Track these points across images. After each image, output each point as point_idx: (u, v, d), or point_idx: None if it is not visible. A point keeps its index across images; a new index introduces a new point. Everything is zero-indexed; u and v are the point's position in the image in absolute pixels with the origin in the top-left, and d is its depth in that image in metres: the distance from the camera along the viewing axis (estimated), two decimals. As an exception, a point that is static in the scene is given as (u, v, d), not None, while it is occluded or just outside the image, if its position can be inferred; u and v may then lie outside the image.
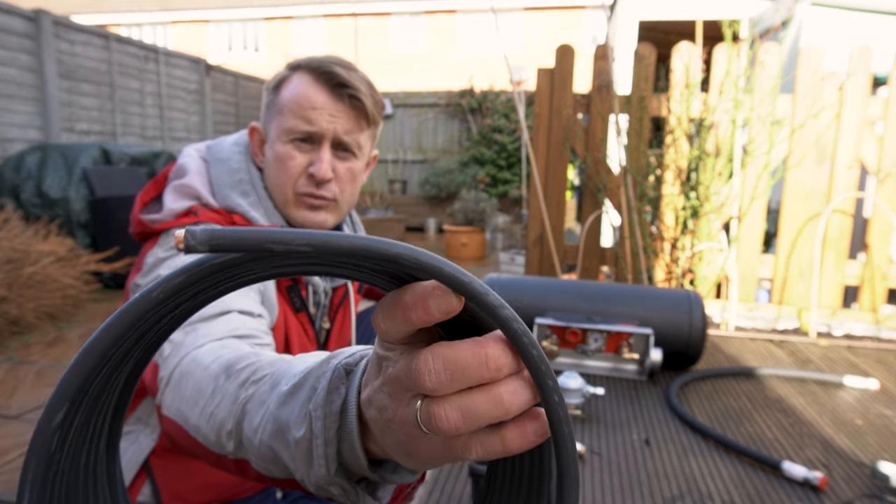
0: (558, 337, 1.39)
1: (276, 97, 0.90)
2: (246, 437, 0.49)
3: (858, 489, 0.92)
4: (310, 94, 0.87)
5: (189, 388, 0.59)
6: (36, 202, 4.34)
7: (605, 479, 0.94)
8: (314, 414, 0.40)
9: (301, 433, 0.41)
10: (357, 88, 0.87)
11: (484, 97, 8.55)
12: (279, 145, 0.89)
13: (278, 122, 0.89)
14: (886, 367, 1.55)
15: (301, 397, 0.42)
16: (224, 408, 0.53)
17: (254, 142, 0.95)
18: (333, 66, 0.87)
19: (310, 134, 0.87)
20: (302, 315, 0.94)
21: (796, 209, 2.65)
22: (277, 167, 0.89)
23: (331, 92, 0.87)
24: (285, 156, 0.88)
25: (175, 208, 0.86)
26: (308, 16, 16.07)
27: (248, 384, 0.51)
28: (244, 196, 0.89)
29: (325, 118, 0.87)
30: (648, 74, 2.68)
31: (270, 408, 0.46)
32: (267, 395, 0.48)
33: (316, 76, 0.87)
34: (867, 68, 2.51)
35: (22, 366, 2.78)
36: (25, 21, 5.03)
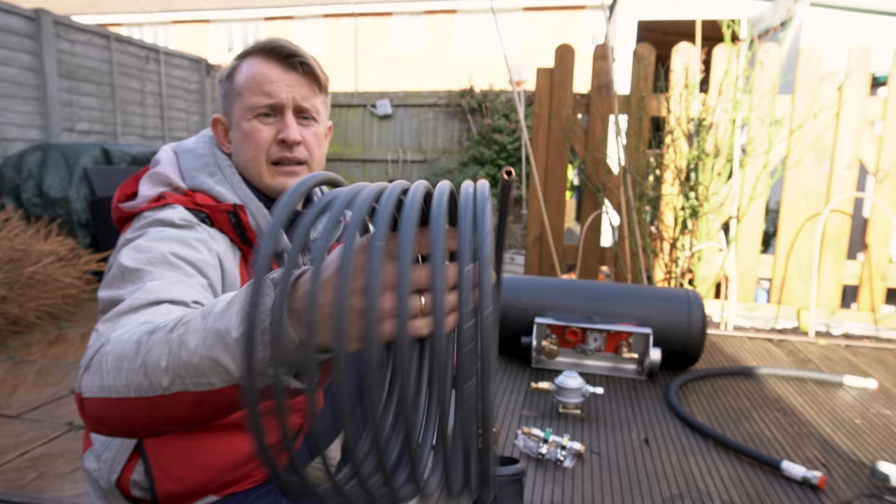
0: (558, 336, 1.39)
1: (231, 84, 0.95)
2: (182, 362, 0.55)
3: (857, 488, 0.93)
4: (264, 70, 0.92)
5: (109, 362, 0.61)
6: (36, 202, 4.34)
7: (605, 478, 0.95)
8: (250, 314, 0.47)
9: (240, 332, 0.51)
10: (305, 56, 0.93)
11: (484, 97, 8.56)
12: (244, 123, 0.93)
13: (239, 105, 0.94)
14: (885, 367, 1.55)
15: (236, 308, 0.53)
16: (156, 350, 0.57)
17: (218, 132, 0.99)
18: (278, 41, 0.93)
19: (272, 106, 0.92)
20: None
21: (795, 209, 2.66)
22: (246, 143, 0.94)
23: (282, 63, 0.92)
24: (252, 131, 0.93)
25: (148, 195, 0.92)
26: (308, 16, 16.07)
27: (178, 326, 0.57)
28: (211, 176, 0.94)
29: (282, 89, 0.92)
30: (648, 75, 2.68)
31: (208, 325, 0.54)
32: (200, 321, 0.55)
33: (265, 54, 0.93)
34: (866, 68, 2.51)
35: (22, 365, 2.78)
36: (26, 21, 5.03)
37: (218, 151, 0.98)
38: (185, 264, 0.80)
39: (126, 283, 0.76)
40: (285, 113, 0.93)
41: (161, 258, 0.79)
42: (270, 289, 0.51)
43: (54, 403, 2.35)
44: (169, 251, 0.80)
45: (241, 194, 0.94)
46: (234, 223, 0.90)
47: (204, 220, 0.88)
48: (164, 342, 0.57)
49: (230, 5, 16.30)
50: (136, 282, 0.76)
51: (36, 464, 1.89)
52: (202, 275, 0.82)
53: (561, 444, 1.02)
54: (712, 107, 2.57)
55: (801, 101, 2.57)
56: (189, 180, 0.94)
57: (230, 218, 0.90)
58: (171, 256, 0.80)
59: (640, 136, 2.66)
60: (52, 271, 3.45)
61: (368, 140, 9.12)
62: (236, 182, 0.95)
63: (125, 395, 0.59)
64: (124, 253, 0.81)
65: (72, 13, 14.78)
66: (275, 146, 0.94)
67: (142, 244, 0.81)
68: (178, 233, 0.84)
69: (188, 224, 0.86)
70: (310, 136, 0.96)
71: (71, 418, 2.22)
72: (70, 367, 2.76)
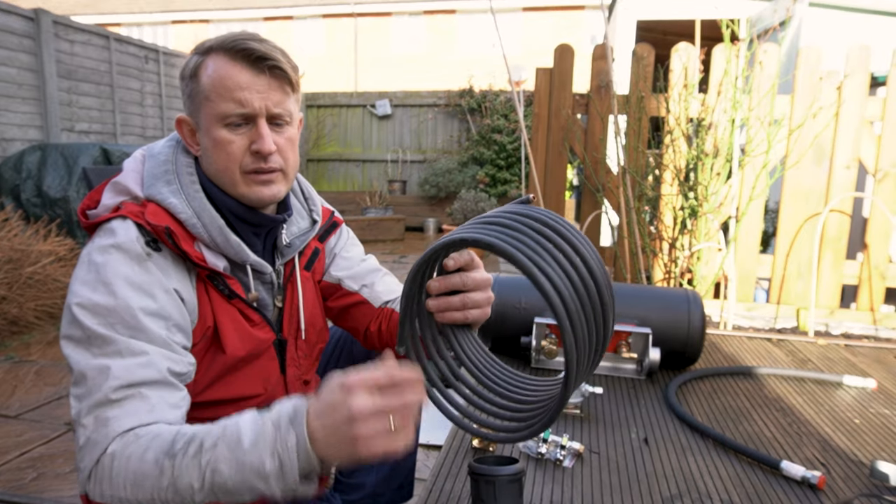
0: (557, 336, 1.39)
1: (196, 84, 0.89)
2: (217, 485, 0.68)
3: (857, 488, 0.93)
4: (232, 75, 0.86)
5: (125, 478, 0.71)
6: (36, 202, 4.34)
7: (605, 477, 0.95)
8: (280, 451, 0.66)
9: (274, 465, 0.66)
10: (276, 58, 0.87)
11: (483, 97, 8.56)
12: (215, 131, 0.88)
13: (208, 109, 0.88)
14: (884, 367, 1.55)
15: (263, 446, 0.67)
16: (186, 474, 0.68)
17: (184, 133, 0.94)
18: (246, 41, 0.87)
19: (244, 115, 0.87)
20: (236, 302, 0.93)
21: (795, 209, 2.66)
22: (218, 153, 0.89)
23: (252, 67, 0.87)
24: (224, 141, 0.88)
25: (108, 204, 0.90)
26: (308, 16, 16.07)
27: (203, 451, 0.69)
28: (167, 185, 0.90)
29: (254, 96, 0.87)
30: (647, 75, 2.68)
31: (238, 457, 0.67)
32: (228, 452, 0.68)
33: (232, 55, 0.86)
34: (866, 68, 2.52)
35: (22, 365, 2.78)
36: (25, 21, 5.03)
37: (181, 156, 0.94)
38: (149, 320, 0.80)
39: (93, 350, 0.78)
40: (258, 122, 0.88)
41: (126, 321, 0.79)
42: (290, 428, 0.67)
43: (53, 404, 2.35)
44: (132, 308, 0.79)
45: (195, 205, 0.89)
46: (172, 243, 0.85)
47: (151, 243, 0.84)
48: (192, 466, 0.68)
49: (230, 5, 16.30)
50: (103, 351, 0.77)
51: (35, 464, 1.89)
52: (167, 325, 0.82)
53: (560, 443, 1.02)
54: (711, 107, 2.57)
55: (801, 101, 2.57)
56: (146, 188, 0.90)
57: (166, 237, 0.85)
58: (136, 314, 0.79)
59: (639, 136, 2.67)
60: (51, 271, 3.45)
61: (368, 140, 9.12)
62: (192, 192, 0.90)
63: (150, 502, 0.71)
64: (87, 304, 0.79)
65: (71, 13, 14.77)
66: (248, 156, 0.89)
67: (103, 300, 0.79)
68: (134, 274, 0.81)
69: (140, 257, 0.83)
70: (283, 142, 0.91)
71: (70, 419, 2.22)
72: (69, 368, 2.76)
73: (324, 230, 1.11)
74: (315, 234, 1.07)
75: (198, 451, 0.69)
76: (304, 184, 1.11)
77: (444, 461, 0.98)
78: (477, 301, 0.84)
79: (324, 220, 1.11)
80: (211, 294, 0.91)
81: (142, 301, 0.80)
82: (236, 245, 0.91)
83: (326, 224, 1.11)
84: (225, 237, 0.90)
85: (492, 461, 0.83)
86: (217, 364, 0.92)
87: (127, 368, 0.76)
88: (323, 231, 1.10)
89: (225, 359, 0.92)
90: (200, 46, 0.90)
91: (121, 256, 0.82)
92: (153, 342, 0.80)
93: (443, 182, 8.22)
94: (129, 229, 0.84)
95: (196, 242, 0.90)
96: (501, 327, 1.43)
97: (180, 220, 0.88)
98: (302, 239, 1.04)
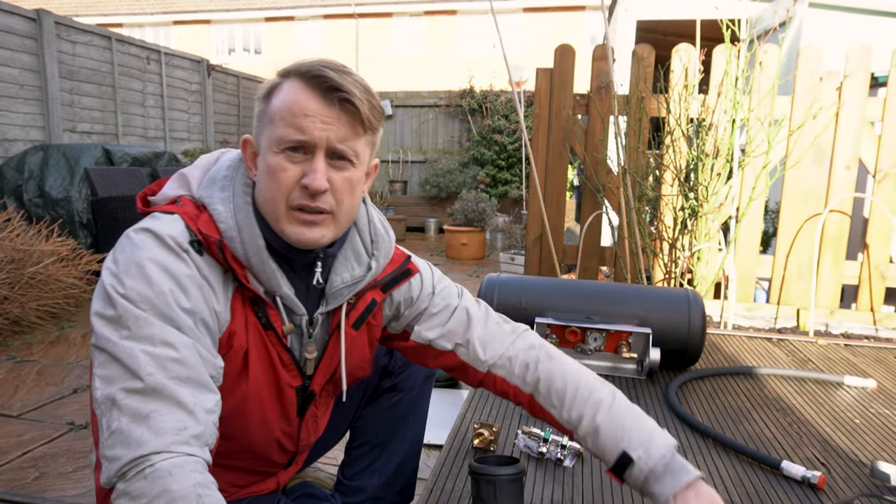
0: (558, 336, 1.40)
1: (267, 106, 0.86)
2: None
3: (857, 488, 0.93)
4: (300, 101, 0.81)
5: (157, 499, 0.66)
6: (38, 202, 4.35)
7: (605, 477, 0.95)
8: None
9: None
10: (350, 92, 0.81)
11: (484, 97, 8.56)
12: (270, 156, 0.83)
13: (269, 133, 0.84)
14: (884, 367, 1.55)
15: None
16: None
17: (247, 155, 0.90)
18: (324, 69, 0.82)
19: (301, 143, 0.82)
20: (270, 334, 0.89)
21: (795, 209, 2.66)
22: (269, 179, 0.84)
23: (322, 97, 0.81)
24: (277, 167, 0.82)
25: (168, 194, 0.88)
26: (309, 17, 16.08)
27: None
28: (221, 190, 0.87)
29: (317, 126, 0.81)
30: (647, 75, 2.68)
31: None
32: None
33: (306, 81, 0.82)
34: (866, 68, 2.52)
35: (24, 365, 2.78)
36: (27, 21, 5.04)
37: (240, 171, 0.90)
38: (182, 314, 0.76)
39: (123, 332, 0.74)
40: (316, 153, 0.82)
41: (159, 307, 0.75)
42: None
43: (55, 403, 2.36)
44: (165, 293, 0.76)
45: (240, 218, 0.85)
46: (222, 257, 0.82)
47: (195, 243, 0.81)
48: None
49: (231, 6, 16.31)
50: (134, 334, 0.73)
51: (37, 463, 1.89)
52: (196, 322, 0.78)
53: (561, 443, 1.02)
54: (712, 107, 2.57)
55: (801, 102, 2.57)
56: (202, 188, 0.88)
57: (218, 252, 0.82)
58: (170, 302, 0.76)
59: (639, 137, 2.67)
60: (53, 271, 3.46)
61: (369, 140, 9.13)
62: (242, 205, 0.86)
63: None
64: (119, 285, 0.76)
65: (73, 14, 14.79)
66: (297, 190, 0.83)
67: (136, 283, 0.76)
68: (168, 261, 0.78)
69: (176, 250, 0.79)
70: (340, 182, 0.84)
71: (72, 418, 2.22)
72: (71, 367, 2.76)
73: (391, 279, 0.98)
74: (366, 281, 0.94)
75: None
76: (377, 224, 0.98)
77: (445, 461, 0.98)
78: None
79: (393, 267, 0.98)
80: (248, 316, 0.87)
81: (174, 289, 0.77)
82: (270, 271, 0.85)
83: (396, 271, 0.99)
84: (261, 259, 0.84)
85: (493, 461, 0.83)
86: (239, 391, 0.87)
87: (159, 359, 0.72)
88: (390, 280, 0.98)
89: (247, 388, 0.88)
90: (283, 70, 0.86)
91: (153, 241, 0.79)
92: (185, 334, 0.76)
93: (444, 182, 8.23)
94: (174, 223, 0.82)
95: None
96: (502, 327, 1.43)
97: (219, 229, 0.84)
98: (351, 287, 0.93)
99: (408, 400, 1.25)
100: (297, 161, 0.82)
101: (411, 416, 1.26)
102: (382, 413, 1.25)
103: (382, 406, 1.25)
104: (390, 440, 1.25)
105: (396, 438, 1.25)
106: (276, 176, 0.83)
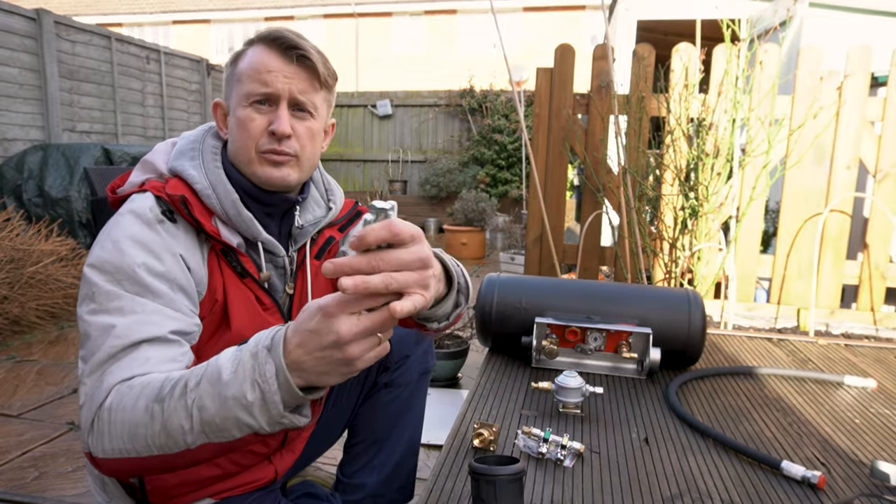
0: (558, 336, 1.39)
1: (234, 69, 0.96)
2: (205, 422, 0.67)
3: (857, 488, 0.93)
4: (264, 59, 0.92)
5: (121, 429, 0.71)
6: (37, 202, 4.34)
7: (605, 477, 0.95)
8: (260, 381, 0.64)
9: (255, 395, 0.64)
10: (307, 50, 0.93)
11: (484, 97, 8.56)
12: (240, 110, 0.93)
13: (238, 91, 0.94)
14: (885, 367, 1.55)
15: (243, 375, 0.65)
16: (176, 416, 0.68)
17: (217, 116, 1.00)
18: (284, 31, 0.93)
19: (267, 95, 0.92)
20: (248, 281, 0.96)
21: (795, 209, 2.66)
22: (240, 130, 0.94)
23: (282, 55, 0.92)
24: (246, 118, 0.93)
25: (135, 181, 0.95)
26: (309, 16, 16.08)
27: (188, 392, 0.68)
28: (191, 160, 0.95)
29: (280, 79, 0.91)
30: (647, 75, 2.68)
31: (221, 391, 0.66)
32: (211, 388, 0.67)
33: (268, 43, 0.93)
34: (866, 68, 2.52)
35: (23, 365, 2.78)
36: (27, 21, 5.04)
37: (209, 139, 0.99)
38: (154, 280, 0.82)
39: (98, 307, 0.79)
40: (280, 104, 0.93)
41: (132, 277, 0.81)
42: (268, 358, 0.64)
43: (55, 403, 2.36)
44: (137, 265, 0.81)
45: (212, 178, 0.94)
46: (188, 213, 0.89)
47: (167, 213, 0.88)
48: (180, 407, 0.68)
49: (231, 5, 16.31)
50: (107, 307, 0.79)
51: (37, 463, 1.89)
52: (171, 286, 0.84)
53: (561, 443, 1.02)
54: (712, 107, 2.57)
55: (801, 101, 2.57)
56: (171, 162, 0.95)
57: (182, 206, 0.89)
58: (141, 272, 0.81)
59: (639, 136, 2.67)
60: (53, 271, 3.46)
61: (369, 140, 9.13)
62: (212, 167, 0.95)
63: (147, 454, 0.70)
64: (96, 262, 0.82)
65: (73, 13, 14.78)
66: (265, 136, 0.93)
67: (111, 257, 0.82)
68: (143, 234, 0.84)
69: (150, 221, 0.86)
70: (302, 131, 0.95)
71: (72, 418, 2.22)
72: (71, 367, 2.76)
73: (347, 220, 1.12)
74: (327, 220, 1.07)
75: (183, 392, 0.68)
76: (327, 176, 1.13)
77: (445, 461, 0.98)
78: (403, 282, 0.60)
79: (345, 210, 1.12)
80: (224, 270, 0.94)
81: (148, 260, 0.83)
82: (248, 220, 0.94)
83: (349, 214, 1.13)
84: (237, 211, 0.93)
85: (492, 461, 0.83)
86: (222, 341, 0.93)
87: (128, 326, 0.77)
88: (346, 221, 1.12)
89: (231, 336, 0.93)
90: (247, 40, 0.97)
91: (132, 219, 0.86)
92: (158, 300, 0.81)
93: (444, 182, 8.23)
94: (146, 199, 0.89)
95: (213, 217, 0.93)
96: (502, 327, 1.43)
97: (195, 189, 0.92)
98: (315, 225, 1.05)
99: (404, 396, 1.26)
100: (264, 112, 0.93)
101: (408, 413, 1.27)
102: (380, 410, 1.25)
103: (380, 403, 1.26)
104: (388, 437, 1.25)
105: (394, 435, 1.26)
106: (245, 126, 0.93)
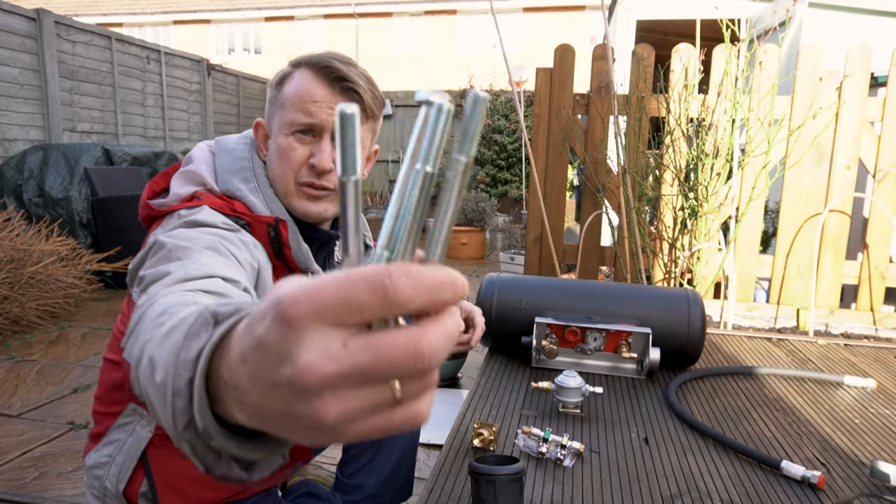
0: (557, 336, 1.40)
1: (278, 93, 0.93)
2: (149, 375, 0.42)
3: (857, 488, 0.93)
4: (310, 88, 0.89)
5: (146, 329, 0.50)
6: (38, 202, 4.35)
7: (605, 477, 0.95)
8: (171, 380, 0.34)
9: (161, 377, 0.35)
10: (355, 82, 0.90)
11: (484, 97, 8.57)
12: (281, 138, 0.91)
13: (281, 117, 0.92)
14: (884, 367, 1.55)
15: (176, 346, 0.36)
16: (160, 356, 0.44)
17: (258, 136, 0.98)
18: (333, 60, 0.90)
19: (310, 126, 0.90)
20: None
21: (795, 209, 2.66)
22: (279, 158, 0.92)
23: (329, 85, 0.90)
24: (287, 147, 0.91)
25: (181, 193, 0.89)
26: (309, 16, 16.08)
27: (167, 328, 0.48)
28: (245, 182, 0.92)
29: (324, 111, 0.89)
30: (647, 75, 2.68)
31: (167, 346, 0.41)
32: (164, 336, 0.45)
33: (316, 71, 0.90)
34: (866, 68, 2.52)
35: (23, 365, 2.78)
36: (27, 21, 5.04)
37: (256, 157, 0.96)
38: (232, 257, 0.77)
39: (173, 260, 0.69)
40: (323, 136, 0.90)
41: (209, 244, 0.74)
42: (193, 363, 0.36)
43: (55, 403, 2.36)
44: (216, 241, 0.76)
45: (273, 207, 0.92)
46: (272, 237, 0.88)
47: (244, 227, 0.86)
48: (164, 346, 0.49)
49: (231, 6, 16.31)
50: (184, 258, 0.69)
51: (37, 463, 1.89)
52: (246, 271, 0.79)
53: (561, 443, 1.02)
54: (711, 107, 2.57)
55: (801, 102, 2.57)
56: (222, 183, 0.91)
57: (269, 231, 0.88)
58: (220, 245, 0.76)
59: (639, 137, 2.67)
60: (53, 271, 3.46)
61: (369, 140, 9.13)
62: (269, 194, 0.93)
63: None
64: (164, 240, 0.75)
65: (73, 13, 14.79)
66: (305, 169, 0.91)
67: (186, 233, 0.76)
68: (221, 232, 0.80)
69: (231, 228, 0.83)
70: None
71: (72, 418, 2.22)
72: (71, 367, 2.76)
73: None
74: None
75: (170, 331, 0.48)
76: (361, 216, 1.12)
77: (445, 460, 0.98)
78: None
79: None
80: None
81: (229, 245, 0.78)
82: (306, 252, 0.93)
83: None
84: (298, 243, 0.91)
85: (492, 461, 0.83)
86: None
87: (208, 263, 0.69)
88: None
89: None
90: (294, 60, 0.94)
91: (208, 227, 0.80)
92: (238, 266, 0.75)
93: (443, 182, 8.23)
94: (212, 214, 0.84)
95: None
96: (501, 327, 1.43)
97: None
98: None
99: None
100: (306, 142, 0.91)
101: None
102: None
103: None
104: (387, 438, 1.25)
105: (394, 436, 1.26)
106: (286, 155, 0.91)
